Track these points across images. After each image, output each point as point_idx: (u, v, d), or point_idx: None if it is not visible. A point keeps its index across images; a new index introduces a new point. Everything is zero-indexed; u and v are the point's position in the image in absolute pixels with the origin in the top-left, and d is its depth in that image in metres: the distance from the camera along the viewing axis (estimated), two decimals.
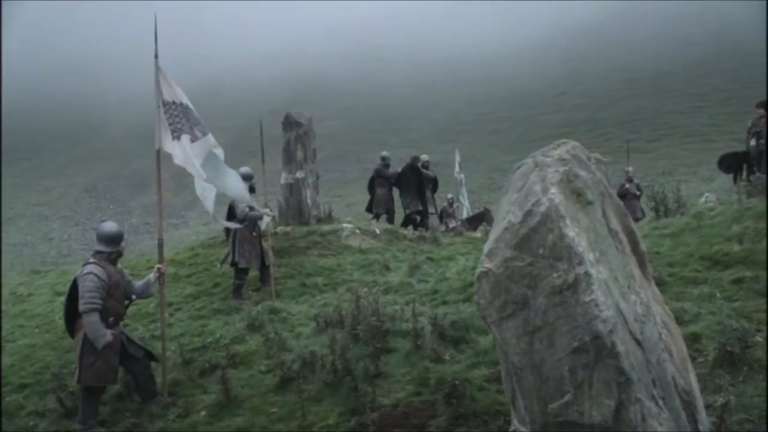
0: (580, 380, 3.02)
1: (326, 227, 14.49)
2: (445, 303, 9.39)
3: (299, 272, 12.10)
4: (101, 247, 7.12)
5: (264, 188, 11.86)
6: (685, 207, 11.24)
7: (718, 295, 7.26)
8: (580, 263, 3.07)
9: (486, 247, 3.51)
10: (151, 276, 7.62)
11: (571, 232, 3.09)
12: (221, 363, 8.01)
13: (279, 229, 14.36)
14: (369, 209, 17.95)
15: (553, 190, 3.18)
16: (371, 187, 18.00)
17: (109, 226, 7.30)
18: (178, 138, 8.13)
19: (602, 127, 53.23)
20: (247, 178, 11.41)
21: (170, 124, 8.08)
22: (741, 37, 58.54)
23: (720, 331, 5.92)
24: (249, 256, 11.03)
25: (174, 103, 8.04)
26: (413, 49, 76.06)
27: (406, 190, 17.43)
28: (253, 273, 11.71)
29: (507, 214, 3.38)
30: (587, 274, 3.05)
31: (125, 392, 7.60)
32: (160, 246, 7.85)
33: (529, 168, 3.42)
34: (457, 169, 25.48)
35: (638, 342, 3.08)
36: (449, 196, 24.07)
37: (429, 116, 60.85)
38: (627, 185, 18.38)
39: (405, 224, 17.26)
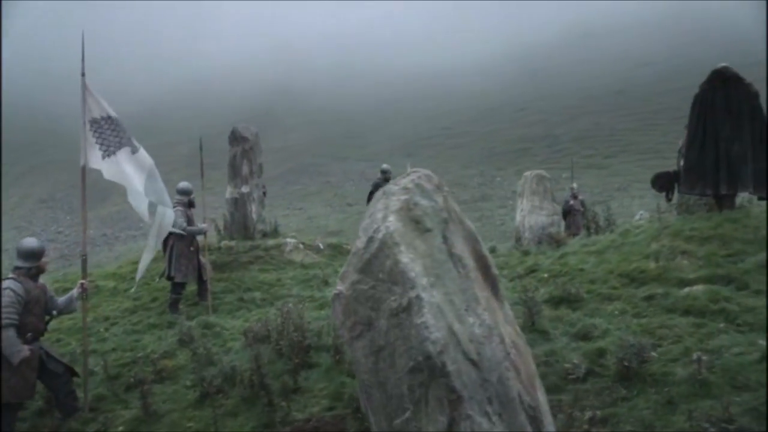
0: (418, 398, 3.17)
1: (270, 242, 14.55)
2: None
3: (238, 287, 12.15)
4: (20, 263, 7.12)
5: (203, 203, 11.88)
6: (615, 225, 11.53)
7: (629, 311, 7.51)
8: (413, 287, 3.23)
9: (342, 270, 3.65)
10: (74, 291, 7.61)
11: (405, 258, 3.26)
12: (147, 378, 8.03)
13: (223, 243, 14.38)
14: None
15: (392, 218, 3.36)
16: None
17: (29, 242, 7.30)
18: (114, 153, 8.17)
19: (560, 143, 54.09)
20: (185, 192, 11.46)
21: (101, 142, 8.11)
22: (694, 57, 59.99)
23: (620, 347, 6.14)
24: (186, 270, 11.05)
25: (104, 118, 8.07)
26: (378, 64, 76.56)
27: None
28: (192, 287, 11.72)
29: (357, 239, 3.54)
30: (419, 297, 3.21)
31: (45, 408, 7.57)
32: (84, 262, 7.86)
33: (379, 196, 3.59)
34: None
35: (473, 362, 3.24)
36: None
37: (391, 130, 61.25)
38: (571, 201, 18.71)
39: None
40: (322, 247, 14.66)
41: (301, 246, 14.30)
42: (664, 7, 73.03)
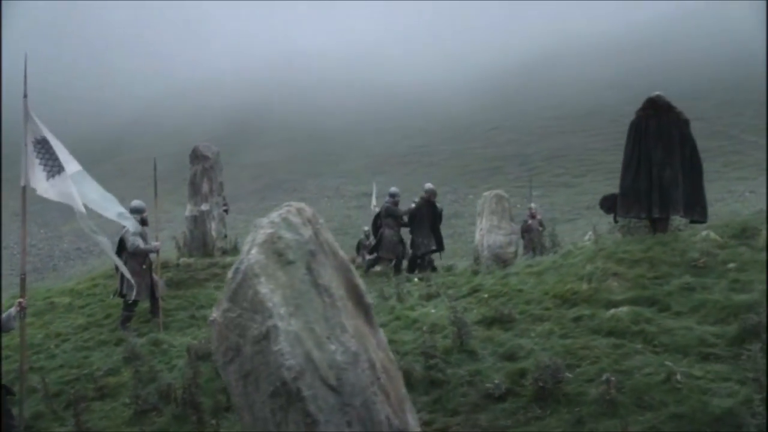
0: (279, 420, 3.32)
1: (229, 259, 14.59)
2: None
3: (192, 304, 12.19)
4: None
5: (156, 221, 11.94)
6: (559, 246, 11.73)
7: (557, 331, 7.68)
8: (271, 317, 3.41)
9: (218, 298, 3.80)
10: (12, 310, 7.62)
11: (264, 288, 3.44)
12: (87, 395, 8.08)
13: (181, 260, 14.43)
14: (374, 252, 15.60)
15: (254, 250, 3.56)
16: (376, 228, 15.81)
17: None
18: (58, 173, 8.23)
19: (532, 162, 54.63)
20: (138, 211, 11.52)
21: (45, 162, 8.17)
22: (664, 79, 60.99)
23: (537, 368, 6.30)
24: (138, 288, 11.08)
25: (45, 140, 8.14)
26: (354, 81, 77.08)
27: (419, 228, 15.23)
28: (145, 304, 11.75)
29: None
30: (276, 326, 3.39)
31: None
32: (23, 281, 7.89)
33: (252, 228, 3.75)
34: (374, 203, 25.77)
35: (332, 387, 3.40)
36: (366, 228, 24.36)
37: (365, 147, 61.55)
38: (530, 221, 18.99)
39: (411, 269, 15.31)
40: None
41: None
42: (629, 33, 74.49)
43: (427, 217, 15.27)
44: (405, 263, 15.60)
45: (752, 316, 6.46)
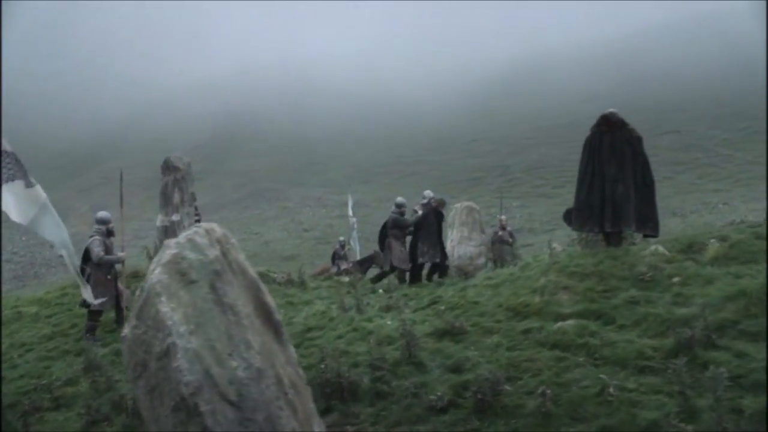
0: None
1: None
2: None
3: None
4: None
5: (122, 231, 11.93)
6: (520, 258, 11.83)
7: (505, 344, 7.76)
8: (170, 334, 3.49)
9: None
10: None
11: (165, 307, 3.54)
12: (44, 405, 8.07)
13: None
14: (366, 264, 15.11)
15: (158, 270, 3.65)
16: (382, 239, 15.58)
17: None
18: (12, 180, 8.26)
19: (512, 173, 54.98)
20: (104, 222, 11.53)
21: (4, 171, 8.21)
22: (640, 92, 61.64)
23: (476, 380, 6.38)
24: (102, 298, 11.07)
25: (5, 151, 8.17)
26: (338, 92, 77.27)
27: (426, 236, 14.89)
28: (111, 315, 11.73)
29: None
30: (175, 344, 3.47)
31: None
32: None
33: (162, 248, 3.85)
34: (349, 213, 25.89)
35: (231, 402, 3.48)
36: (341, 238, 24.46)
37: (349, 157, 61.74)
38: (500, 232, 19.10)
39: (414, 279, 14.90)
40: None
41: None
42: (608, 48, 75.27)
43: (435, 226, 15.05)
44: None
45: (686, 330, 6.57)
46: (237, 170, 62.30)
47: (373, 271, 23.70)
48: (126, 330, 3.80)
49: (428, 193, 15.71)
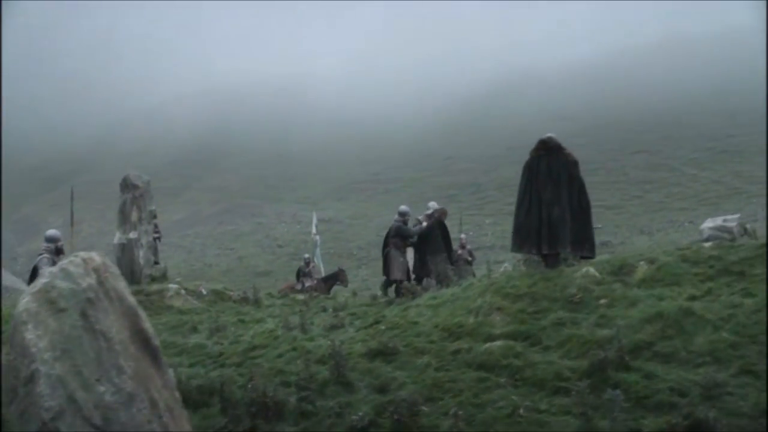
0: None
1: (154, 287, 14.60)
2: (223, 366, 9.67)
3: None
4: None
5: (72, 249, 11.92)
6: (462, 278, 11.95)
7: (434, 365, 7.85)
8: (34, 361, 3.65)
9: None
10: None
11: (30, 334, 3.72)
12: None
13: None
14: (386, 275, 14.39)
15: (27, 299, 3.83)
16: (384, 248, 14.81)
17: None
18: None
19: (485, 191, 55.35)
20: (53, 240, 11.51)
21: None
22: (611, 113, 62.47)
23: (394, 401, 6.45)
24: None
25: None
26: (313, 108, 77.58)
27: (434, 250, 14.08)
28: None
29: None
30: (38, 370, 3.65)
31: None
32: None
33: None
34: (313, 231, 25.97)
35: (96, 426, 3.61)
36: (306, 256, 24.51)
37: (324, 174, 61.85)
38: (459, 251, 19.24)
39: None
40: (204, 293, 14.76)
41: (183, 291, 14.37)
42: (581, 68, 76.33)
43: (441, 239, 14.38)
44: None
45: (599, 352, 6.71)
46: (213, 186, 62.19)
47: (338, 289, 23.86)
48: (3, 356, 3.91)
49: (433, 204, 15.07)
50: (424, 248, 14.15)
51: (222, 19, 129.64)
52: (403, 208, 14.96)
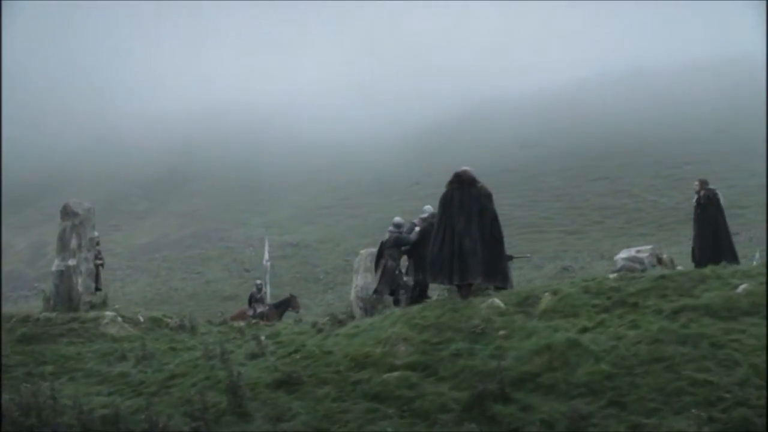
0: None
1: (93, 314, 14.49)
2: (140, 395, 9.67)
3: (34, 360, 12.03)
4: None
5: None
6: (387, 306, 12.06)
7: (332, 395, 7.92)
8: None
9: None
10: None
11: None
12: None
13: (42, 315, 14.26)
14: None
15: None
16: (378, 261, 14.16)
17: None
18: None
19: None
20: None
21: None
22: (574, 140, 63.40)
23: None
24: None
25: None
26: (283, 133, 77.76)
27: (422, 256, 13.02)
28: None
29: None
30: None
31: None
32: None
33: None
34: (266, 257, 25.99)
35: None
36: (258, 281, 24.49)
37: (292, 198, 61.85)
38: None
39: (422, 296, 13.04)
40: (142, 320, 14.68)
41: (119, 319, 14.27)
42: (543, 97, 77.64)
43: None
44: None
45: (479, 384, 6.84)
46: (181, 210, 61.89)
47: (290, 314, 23.79)
48: None
49: (428, 208, 14.33)
50: (419, 254, 13.35)
51: (192, 43, 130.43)
52: (397, 219, 14.55)
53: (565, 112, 70.87)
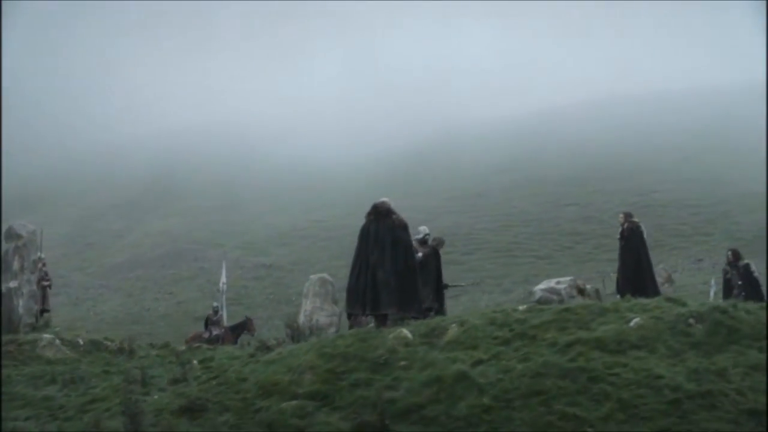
0: None
1: (31, 336, 14.44)
2: (56, 419, 9.69)
3: None
4: None
5: None
6: (313, 333, 12.15)
7: (231, 422, 7.98)
8: None
9: None
10: None
11: None
12: None
13: None
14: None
15: None
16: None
17: None
18: None
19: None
20: None
21: None
22: (545, 166, 64.02)
23: None
24: None
25: None
26: (258, 154, 77.89)
27: (426, 281, 12.74)
28: None
29: None
30: None
31: None
32: None
33: None
34: (223, 280, 26.06)
35: None
36: (215, 304, 24.50)
37: (268, 220, 61.78)
38: None
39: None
40: (81, 342, 14.64)
41: (57, 342, 14.23)
42: (516, 123, 78.56)
43: (434, 270, 13.39)
44: None
45: (362, 417, 6.93)
46: (157, 229, 61.62)
47: (246, 338, 23.73)
48: None
49: (423, 228, 14.27)
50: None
51: (172, 64, 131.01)
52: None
53: (538, 138, 71.69)
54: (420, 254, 13.06)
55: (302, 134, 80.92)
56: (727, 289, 15.61)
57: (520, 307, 10.05)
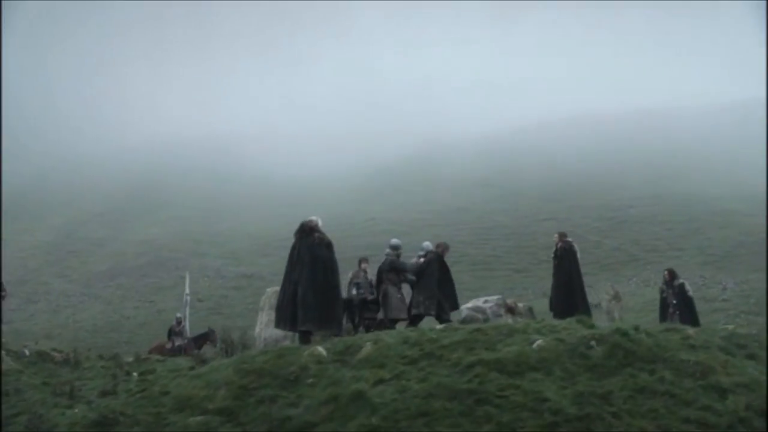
0: None
1: None
2: None
3: None
4: None
5: None
6: (247, 347, 12.28)
7: None
8: None
9: None
10: None
11: None
12: None
13: None
14: (385, 314, 13.03)
15: None
16: (378, 286, 13.37)
17: None
18: None
19: (404, 251, 55.84)
20: None
21: None
22: (524, 182, 64.44)
23: None
24: None
25: None
26: (241, 167, 78.07)
27: (422, 287, 13.13)
28: None
29: None
30: None
31: None
32: None
33: None
34: (187, 290, 26.13)
35: None
36: (178, 315, 24.54)
37: (250, 230, 61.88)
38: None
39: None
40: (27, 353, 14.71)
41: (2, 353, 14.27)
42: (498, 138, 79.05)
43: (437, 276, 13.34)
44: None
45: None
46: (139, 238, 61.62)
47: (209, 349, 23.78)
48: None
49: (427, 244, 14.47)
50: (417, 283, 13.22)
51: (156, 74, 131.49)
52: (394, 241, 14.17)
53: (519, 154, 72.30)
54: (414, 260, 13.95)
55: (285, 146, 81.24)
56: (663, 308, 15.88)
57: (438, 327, 10.20)
